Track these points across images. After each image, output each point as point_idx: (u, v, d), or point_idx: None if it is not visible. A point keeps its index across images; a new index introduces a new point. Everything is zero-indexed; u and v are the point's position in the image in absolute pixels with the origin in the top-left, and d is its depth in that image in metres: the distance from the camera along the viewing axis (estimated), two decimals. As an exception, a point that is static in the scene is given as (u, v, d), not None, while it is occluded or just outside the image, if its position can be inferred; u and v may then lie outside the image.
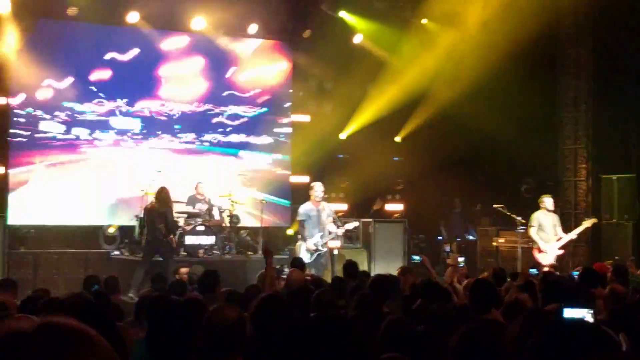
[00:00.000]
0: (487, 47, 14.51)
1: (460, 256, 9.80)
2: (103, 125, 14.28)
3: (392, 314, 5.50)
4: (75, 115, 14.03)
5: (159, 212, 11.96)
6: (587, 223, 12.53)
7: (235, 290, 6.76)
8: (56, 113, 13.88)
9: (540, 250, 12.05)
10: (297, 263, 9.26)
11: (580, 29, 14.76)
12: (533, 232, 12.16)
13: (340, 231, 12.05)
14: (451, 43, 15.36)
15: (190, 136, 15.06)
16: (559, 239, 12.08)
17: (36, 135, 13.73)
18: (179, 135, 14.94)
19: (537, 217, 12.22)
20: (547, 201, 12.26)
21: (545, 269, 9.82)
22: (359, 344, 1.82)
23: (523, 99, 15.07)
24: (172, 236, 12.09)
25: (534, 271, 9.21)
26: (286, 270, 9.65)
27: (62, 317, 1.23)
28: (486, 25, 14.50)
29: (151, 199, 12.82)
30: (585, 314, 3.08)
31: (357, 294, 5.79)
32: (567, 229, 14.50)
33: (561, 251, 12.07)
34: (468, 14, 14.66)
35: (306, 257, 11.22)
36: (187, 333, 3.50)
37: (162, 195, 12.09)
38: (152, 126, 14.71)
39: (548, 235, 12.09)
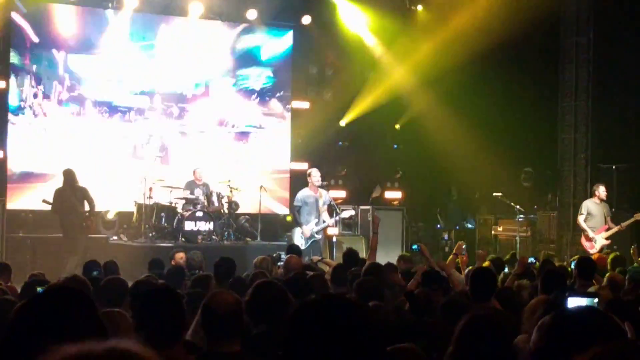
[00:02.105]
0: (487, 36, 14.45)
1: (466, 244, 9.76)
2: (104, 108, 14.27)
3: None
4: (76, 98, 14.00)
5: (76, 193, 11.57)
6: (638, 216, 12.25)
7: (240, 277, 6.75)
8: (56, 95, 13.83)
9: (588, 238, 11.94)
10: (294, 249, 9.24)
11: (581, 18, 14.71)
12: (581, 220, 12.09)
13: (333, 221, 11.99)
14: (450, 31, 15.28)
15: (190, 121, 15.01)
16: (607, 229, 11.94)
17: (35, 118, 13.68)
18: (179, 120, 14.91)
19: (587, 205, 12.17)
20: (601, 190, 12.13)
21: (594, 257, 9.66)
22: (362, 325, 1.77)
23: (523, 87, 15.02)
24: (92, 217, 11.77)
25: (532, 259, 9.19)
26: (284, 257, 9.62)
27: (130, 342, 1.21)
28: (487, 14, 14.42)
29: (150, 184, 12.80)
30: (589, 303, 3.06)
31: (356, 281, 5.81)
32: (564, 219, 14.52)
33: (608, 241, 11.85)
34: (468, 3, 14.59)
35: (301, 244, 11.17)
36: (171, 317, 3.45)
37: (72, 176, 11.69)
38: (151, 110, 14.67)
39: (597, 224, 11.97)
